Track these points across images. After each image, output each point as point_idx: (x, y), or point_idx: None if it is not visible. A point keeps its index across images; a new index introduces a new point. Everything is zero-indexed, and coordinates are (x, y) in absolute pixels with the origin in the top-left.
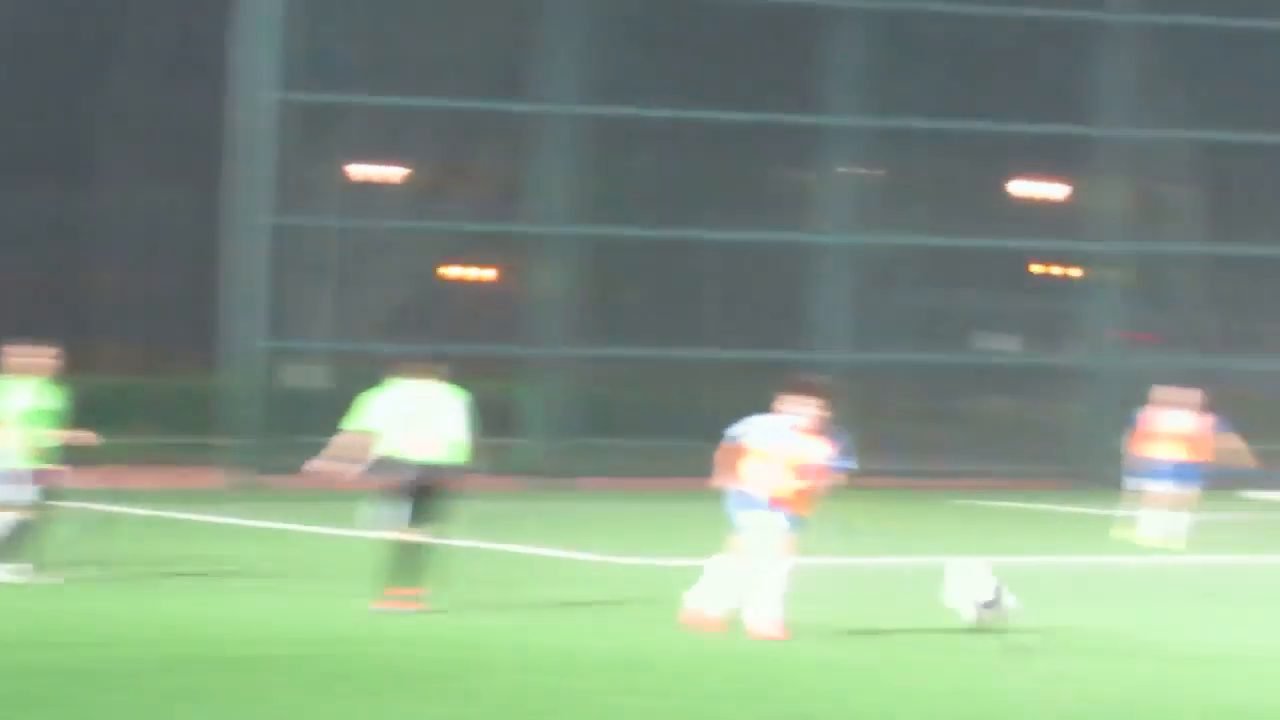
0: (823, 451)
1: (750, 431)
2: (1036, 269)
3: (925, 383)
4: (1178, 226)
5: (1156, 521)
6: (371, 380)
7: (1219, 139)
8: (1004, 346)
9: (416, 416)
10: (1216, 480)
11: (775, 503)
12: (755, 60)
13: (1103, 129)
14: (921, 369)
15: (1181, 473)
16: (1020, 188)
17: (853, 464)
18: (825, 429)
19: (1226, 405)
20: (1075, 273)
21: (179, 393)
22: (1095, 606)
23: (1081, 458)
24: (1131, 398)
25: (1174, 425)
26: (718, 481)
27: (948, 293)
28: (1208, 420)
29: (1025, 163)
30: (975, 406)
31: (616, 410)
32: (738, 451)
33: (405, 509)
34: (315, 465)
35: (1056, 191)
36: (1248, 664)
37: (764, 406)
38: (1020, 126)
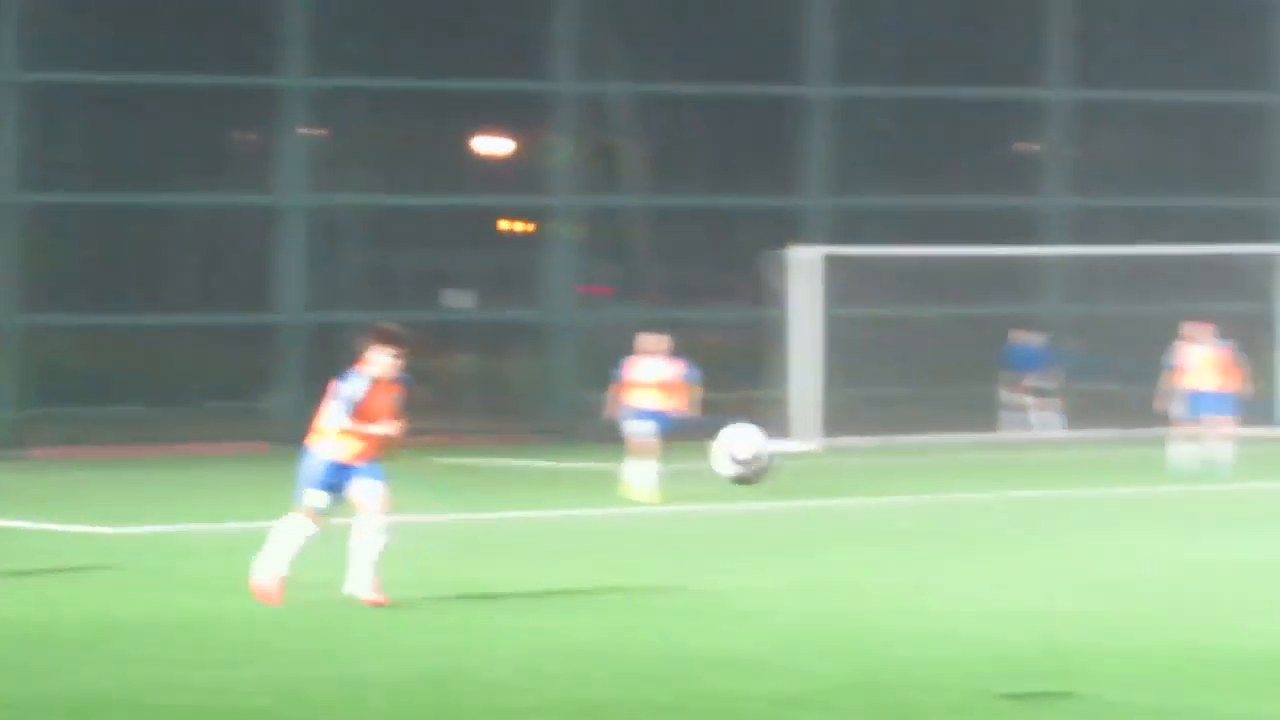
0: (400, 402)
1: (341, 389)
2: (504, 225)
3: None
4: (629, 180)
5: (641, 472)
6: None
7: (664, 91)
8: (461, 304)
9: None
10: (691, 430)
11: (360, 458)
12: (209, 24)
13: (555, 84)
14: None
15: (661, 420)
16: (479, 144)
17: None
18: (400, 379)
19: (693, 355)
20: (531, 228)
21: None
22: (592, 559)
23: (549, 411)
24: (591, 351)
25: (652, 374)
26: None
27: (411, 251)
28: (679, 368)
29: (481, 119)
30: (441, 365)
31: (72, 379)
32: (327, 410)
33: None
34: None
35: (511, 147)
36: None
37: (231, 371)
38: (475, 83)
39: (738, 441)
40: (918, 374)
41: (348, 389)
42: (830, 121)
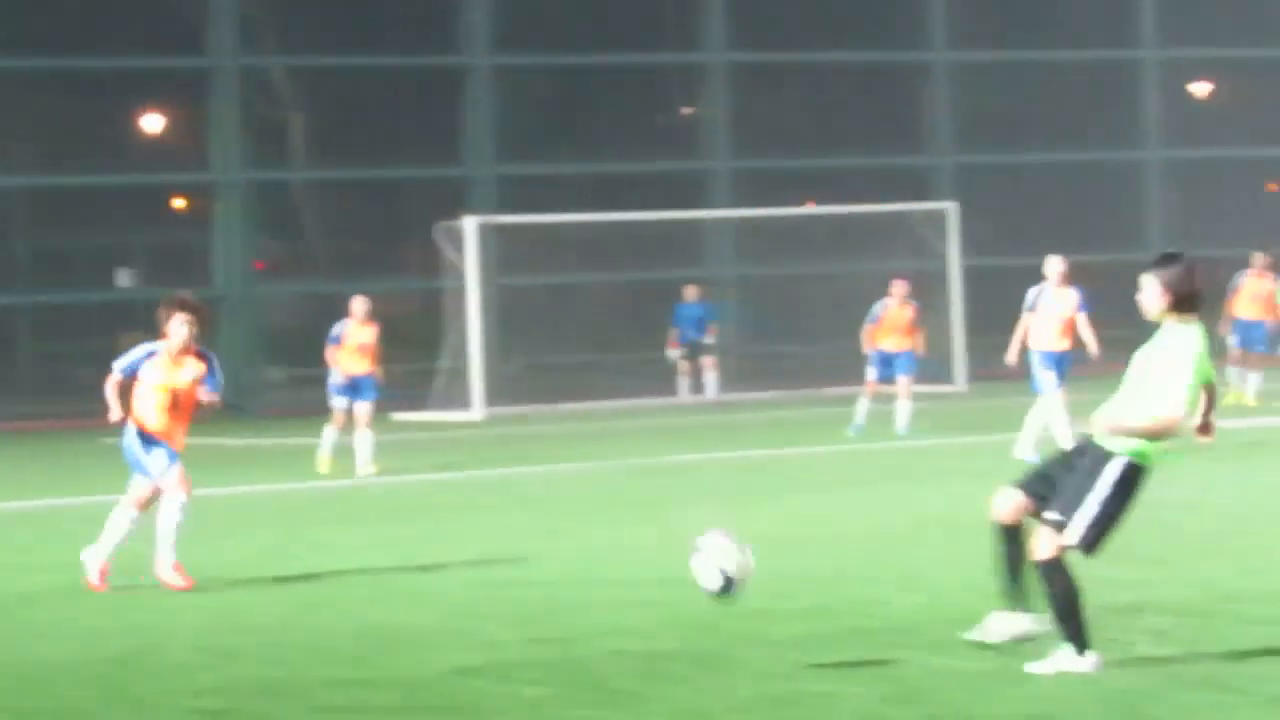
0: (196, 372)
1: (136, 361)
2: (175, 203)
3: (57, 322)
4: (294, 154)
5: (331, 441)
6: None
7: (325, 64)
8: (129, 283)
9: None
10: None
11: (163, 435)
12: None
13: (214, 59)
14: (55, 309)
15: (361, 389)
16: (143, 122)
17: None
18: (198, 349)
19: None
20: (198, 205)
21: None
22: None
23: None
24: (263, 326)
25: (361, 339)
26: (112, 418)
27: (78, 232)
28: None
29: (144, 97)
30: (114, 345)
31: None
32: (128, 385)
33: None
34: None
35: (174, 124)
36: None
37: None
38: (134, 61)
39: (724, 555)
40: (590, 340)
41: (129, 355)
42: (492, 89)
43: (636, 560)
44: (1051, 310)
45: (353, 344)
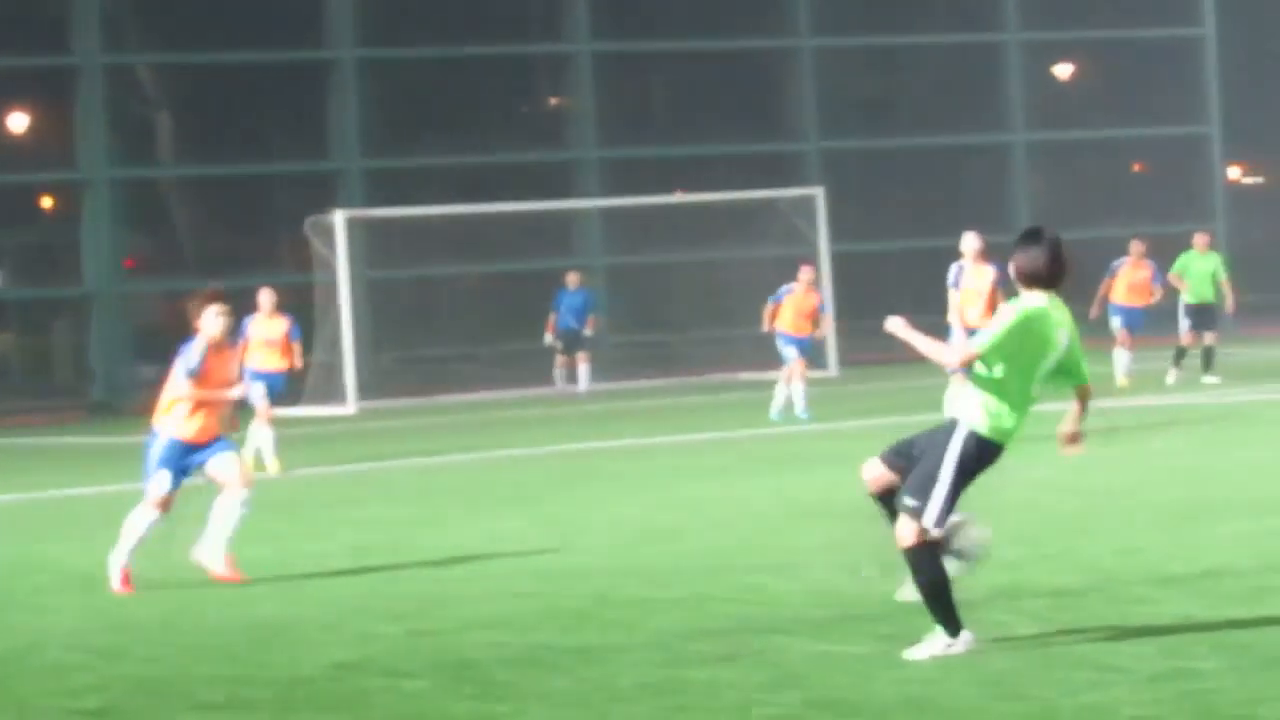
0: (236, 368)
1: (198, 361)
2: (45, 203)
3: None
4: (162, 151)
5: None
6: None
7: (190, 61)
8: None
9: None
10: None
11: (203, 433)
12: None
13: (79, 57)
14: None
15: (274, 381)
16: (10, 122)
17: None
18: (231, 342)
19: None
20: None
21: None
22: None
23: (94, 387)
24: (135, 323)
25: (268, 332)
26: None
27: None
28: (286, 325)
29: (10, 97)
30: None
31: None
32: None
33: None
34: None
35: (40, 123)
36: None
37: None
38: (5, 60)
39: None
40: (462, 333)
41: (185, 359)
42: (359, 83)
43: (513, 552)
44: (972, 286)
45: (260, 339)
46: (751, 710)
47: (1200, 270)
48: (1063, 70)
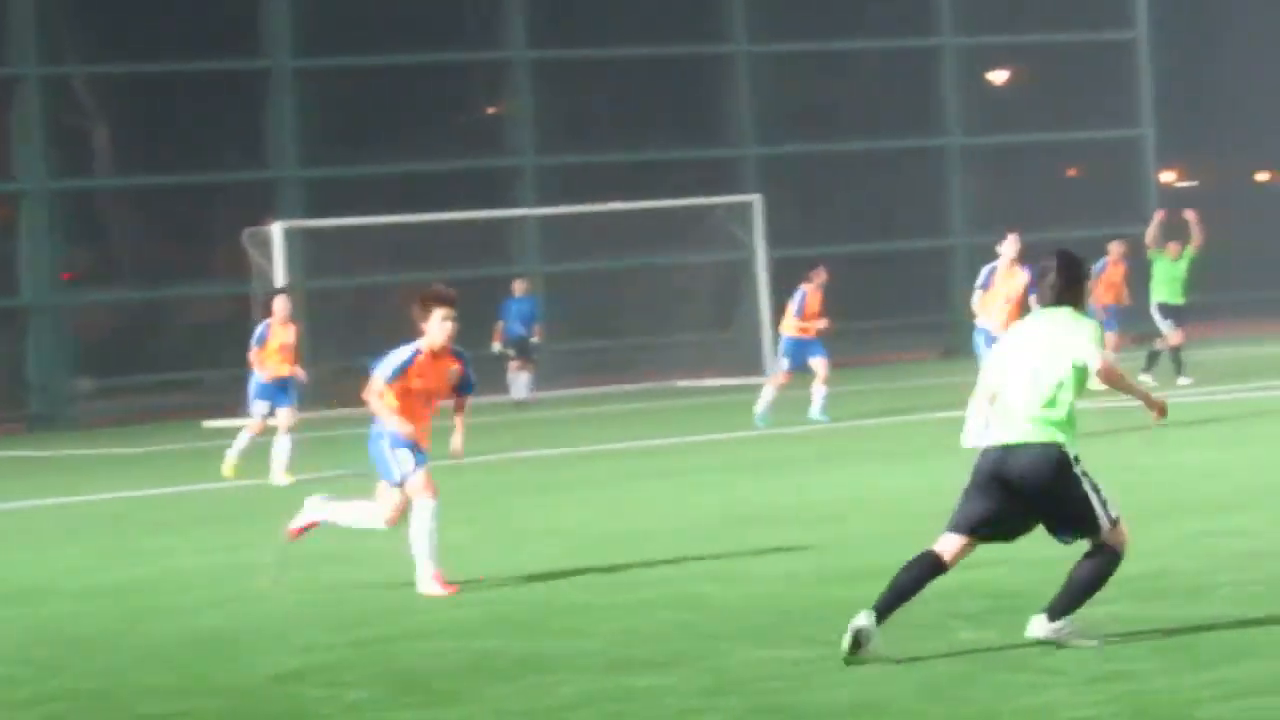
0: (455, 372)
1: (403, 365)
2: None
3: None
4: (99, 162)
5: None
6: None
7: (127, 71)
8: None
9: None
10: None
11: (413, 437)
12: None
13: (16, 67)
14: None
15: (284, 392)
16: None
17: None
18: (455, 352)
19: (177, 333)
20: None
21: None
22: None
23: (33, 399)
24: (73, 335)
25: (285, 339)
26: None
27: None
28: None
29: None
30: None
31: None
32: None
33: None
34: None
35: None
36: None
37: None
38: None
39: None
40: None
41: (387, 362)
42: (295, 92)
43: (455, 560)
44: (1000, 289)
45: (275, 345)
46: (692, 717)
47: (1173, 274)
48: (998, 75)
